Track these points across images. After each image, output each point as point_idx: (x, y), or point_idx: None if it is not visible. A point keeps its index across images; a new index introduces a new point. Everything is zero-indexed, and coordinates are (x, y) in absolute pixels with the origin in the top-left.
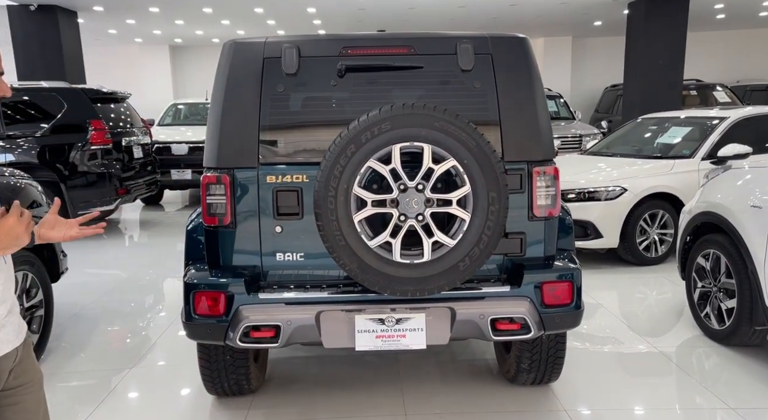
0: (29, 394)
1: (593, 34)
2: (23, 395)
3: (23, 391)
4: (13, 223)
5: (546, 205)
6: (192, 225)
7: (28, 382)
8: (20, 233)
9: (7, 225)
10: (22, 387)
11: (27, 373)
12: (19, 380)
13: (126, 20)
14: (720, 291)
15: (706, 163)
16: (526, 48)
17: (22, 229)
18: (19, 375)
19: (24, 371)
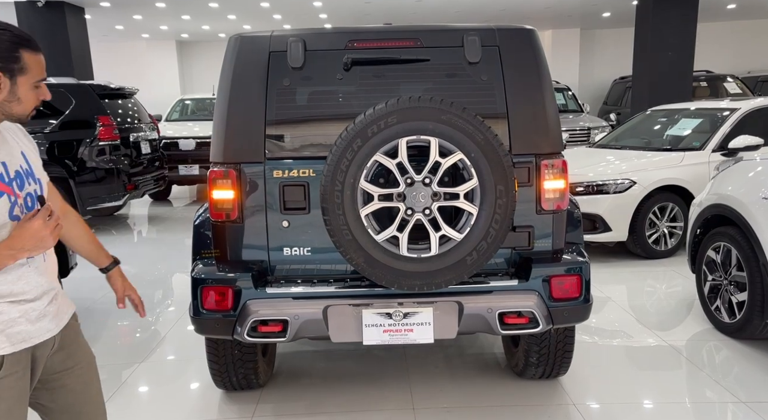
0: (77, 376)
1: (602, 25)
2: (70, 378)
3: (70, 373)
4: (39, 226)
5: (554, 198)
6: (199, 220)
7: (74, 366)
8: (45, 236)
9: (33, 228)
10: (68, 370)
11: (73, 356)
12: (65, 364)
13: (133, 16)
14: (731, 284)
15: (717, 155)
16: (534, 40)
17: (47, 232)
18: (65, 359)
19: (70, 355)
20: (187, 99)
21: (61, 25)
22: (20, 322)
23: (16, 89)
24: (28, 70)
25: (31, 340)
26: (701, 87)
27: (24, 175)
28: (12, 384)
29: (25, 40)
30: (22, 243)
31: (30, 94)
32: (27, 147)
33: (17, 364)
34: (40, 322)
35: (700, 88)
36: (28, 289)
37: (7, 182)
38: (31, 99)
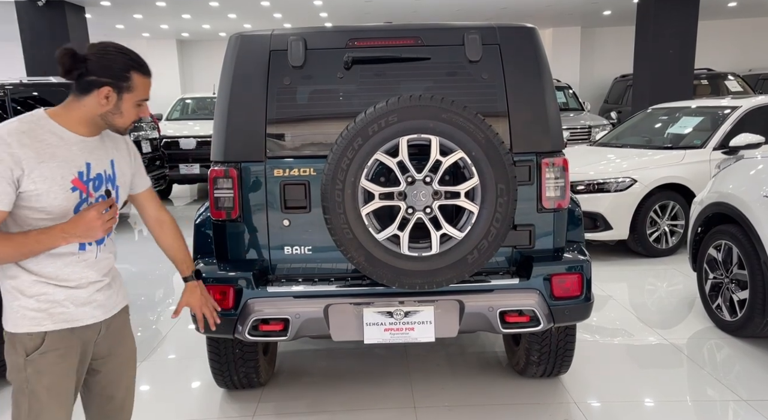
0: (116, 365)
1: (602, 23)
2: (110, 365)
3: (111, 361)
4: (93, 217)
5: (555, 196)
6: (200, 219)
7: (116, 355)
8: (96, 227)
9: (88, 216)
10: (110, 357)
11: (117, 346)
12: (108, 351)
13: (133, 15)
14: (732, 282)
15: (718, 153)
16: (535, 38)
17: (99, 224)
18: (109, 347)
19: (114, 344)
20: (187, 98)
21: (62, 24)
22: (65, 304)
23: (120, 104)
24: (134, 90)
25: (74, 321)
26: (702, 85)
27: (104, 180)
28: (54, 360)
29: (138, 64)
30: (75, 229)
31: (132, 111)
32: (120, 157)
33: (59, 341)
34: (84, 307)
35: (701, 86)
36: (73, 278)
37: (85, 181)
38: (131, 115)
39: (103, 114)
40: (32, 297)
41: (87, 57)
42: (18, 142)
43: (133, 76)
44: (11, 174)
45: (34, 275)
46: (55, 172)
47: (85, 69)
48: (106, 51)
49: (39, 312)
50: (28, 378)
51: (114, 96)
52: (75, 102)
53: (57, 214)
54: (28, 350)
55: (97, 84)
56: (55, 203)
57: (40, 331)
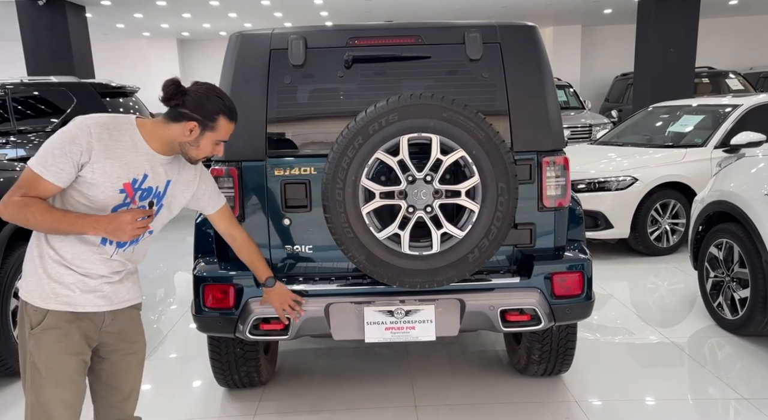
0: (122, 358)
1: (603, 22)
2: (116, 356)
3: (118, 353)
4: (127, 220)
5: (556, 195)
6: (201, 218)
7: (123, 349)
8: (125, 230)
9: (123, 218)
10: (117, 350)
11: (125, 340)
12: (116, 344)
13: (133, 14)
14: (733, 281)
15: (719, 151)
16: (535, 37)
17: (129, 228)
18: (117, 340)
19: (122, 338)
20: None
21: (62, 24)
22: (72, 288)
23: (200, 139)
24: (216, 130)
25: (76, 306)
26: (703, 83)
27: (152, 194)
28: (53, 338)
29: (229, 110)
30: (107, 224)
31: (208, 147)
32: (180, 182)
33: (59, 321)
34: (89, 295)
35: (702, 84)
36: (85, 266)
37: (135, 188)
38: (207, 151)
39: (182, 143)
40: (46, 272)
41: (188, 92)
42: (98, 134)
43: (221, 119)
44: (79, 158)
45: (53, 251)
46: (114, 171)
47: (183, 101)
48: (207, 93)
49: (47, 288)
50: (30, 350)
51: (197, 131)
52: (163, 124)
53: (98, 206)
54: (33, 324)
55: (186, 117)
56: (101, 197)
57: (44, 307)
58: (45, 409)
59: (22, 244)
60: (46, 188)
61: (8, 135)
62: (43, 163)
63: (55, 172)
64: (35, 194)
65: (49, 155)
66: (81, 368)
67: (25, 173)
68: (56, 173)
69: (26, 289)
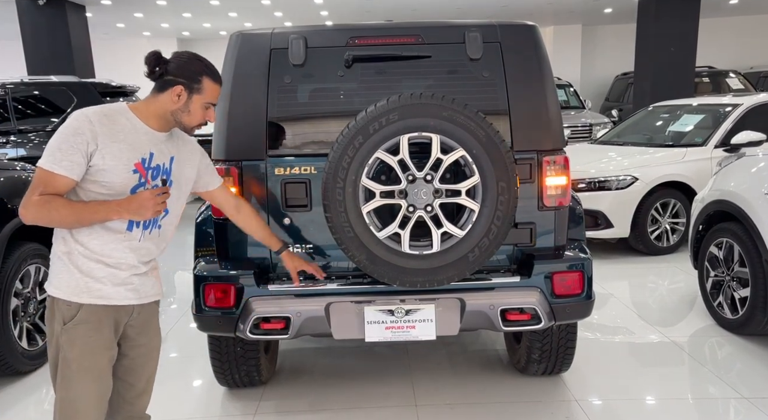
0: (140, 353)
1: (603, 21)
2: (135, 351)
3: (136, 348)
4: (147, 197)
5: (556, 194)
6: (201, 217)
7: (142, 344)
8: (147, 207)
9: (142, 196)
10: (136, 345)
11: (143, 335)
12: (136, 339)
13: (134, 14)
14: (733, 280)
15: (719, 150)
16: (536, 36)
17: (151, 204)
18: (137, 334)
19: (141, 333)
20: None
21: (62, 23)
22: (103, 281)
23: (189, 103)
24: (203, 92)
25: (108, 299)
26: (703, 83)
27: (161, 171)
28: (87, 332)
29: (211, 71)
30: (129, 204)
31: (199, 111)
32: (183, 158)
33: (92, 314)
34: (119, 287)
35: (703, 84)
36: (115, 256)
37: (146, 167)
38: (198, 115)
39: (173, 111)
40: (77, 268)
41: (169, 60)
42: (99, 121)
43: (205, 80)
44: (87, 148)
45: (81, 246)
46: (123, 154)
47: (165, 69)
48: (186, 57)
49: (80, 283)
50: (61, 345)
51: (185, 95)
52: (152, 98)
53: (116, 191)
54: (65, 319)
55: (172, 83)
56: (117, 180)
57: (77, 302)
58: (74, 404)
59: (22, 244)
60: (61, 183)
61: (9, 134)
62: (52, 159)
63: (66, 165)
64: (52, 191)
65: (56, 151)
66: (109, 364)
67: (37, 174)
68: (67, 167)
69: (56, 286)
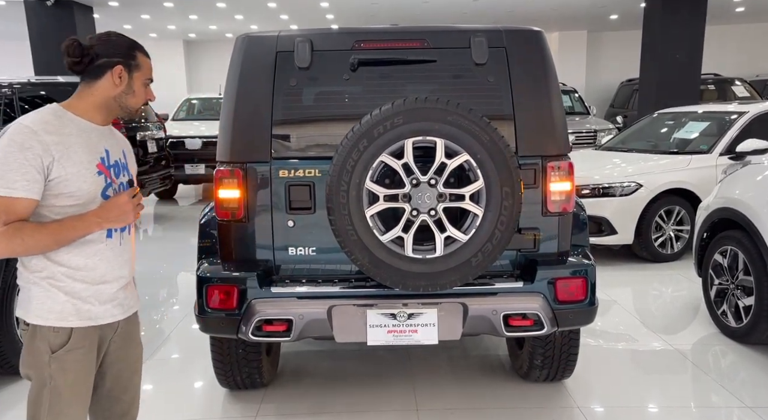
0: (127, 365)
1: (609, 28)
2: (121, 365)
3: (122, 361)
4: (123, 201)
5: (560, 200)
6: (205, 219)
7: (127, 356)
8: (128, 210)
9: (119, 201)
10: (122, 358)
11: (128, 347)
12: (121, 352)
13: (141, 15)
14: (737, 288)
15: (725, 158)
16: (541, 41)
17: (131, 207)
18: (122, 347)
19: (126, 345)
20: (193, 98)
21: (70, 25)
22: (90, 301)
23: (132, 83)
24: (142, 68)
25: (98, 319)
26: (709, 90)
27: (120, 167)
28: (78, 358)
29: (139, 45)
30: (108, 213)
31: (142, 90)
32: (126, 148)
33: (84, 339)
34: (107, 305)
35: (708, 91)
36: (101, 268)
37: (107, 166)
38: (142, 94)
39: (117, 95)
40: (62, 290)
41: (93, 44)
42: (44, 130)
43: (138, 54)
44: (41, 162)
45: (63, 267)
46: (82, 157)
47: (95, 54)
48: (108, 36)
49: (66, 306)
50: (52, 374)
51: (126, 75)
52: (87, 90)
53: (86, 199)
54: (54, 346)
55: (109, 65)
56: (84, 187)
57: (67, 326)
58: None
59: None
60: (22, 207)
61: None
62: (5, 183)
63: (24, 185)
64: (16, 218)
65: (7, 172)
66: (92, 384)
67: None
68: (25, 187)
69: (38, 314)
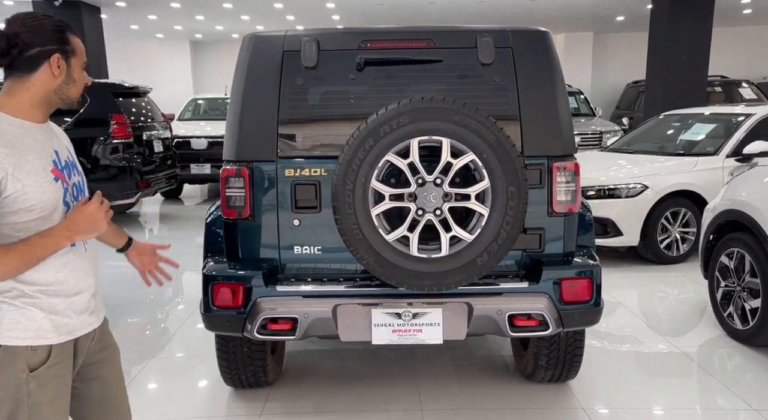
0: (110, 368)
1: (615, 29)
2: (104, 369)
3: (104, 365)
4: (94, 210)
5: (566, 200)
6: (211, 218)
7: (107, 358)
8: (99, 219)
9: (88, 211)
10: (103, 362)
11: (107, 349)
12: (101, 355)
13: (148, 16)
14: (744, 290)
15: (731, 160)
16: (548, 41)
17: (101, 215)
18: (100, 351)
19: (104, 347)
20: (199, 99)
21: (78, 25)
22: (67, 313)
23: (71, 71)
24: (77, 53)
25: (76, 332)
26: (716, 92)
27: (70, 166)
28: (57, 372)
29: (67, 25)
30: (78, 225)
31: (80, 76)
32: (67, 141)
33: (62, 354)
34: (82, 315)
35: (715, 93)
36: (72, 278)
37: (60, 169)
38: (81, 80)
39: (57, 88)
40: (37, 307)
41: (17, 31)
42: None
43: (70, 37)
44: None
45: (32, 285)
46: (36, 165)
47: (24, 44)
48: (32, 19)
49: (44, 323)
50: (30, 392)
51: (64, 63)
52: (20, 85)
53: (48, 210)
54: (33, 365)
55: (44, 55)
56: (44, 197)
57: (45, 344)
58: None
59: None
60: None
61: None
62: None
63: None
64: None
65: None
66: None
67: None
68: None
69: (14, 336)
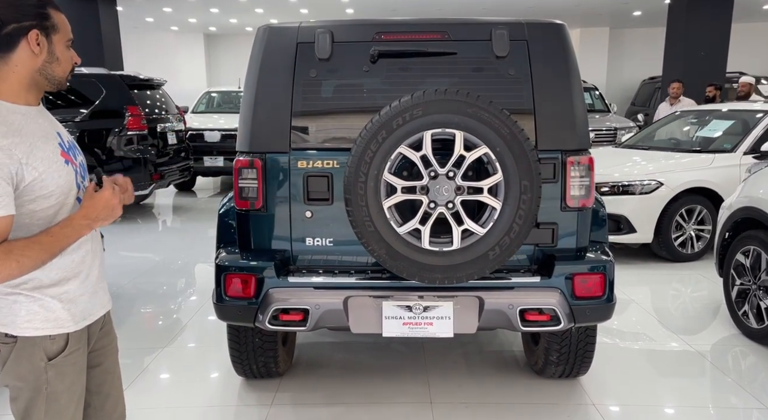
0: (110, 355)
1: (632, 24)
2: (106, 356)
3: (106, 352)
4: (109, 196)
5: (579, 195)
6: (224, 209)
7: (108, 345)
8: (116, 205)
9: (105, 197)
10: (103, 349)
11: (108, 336)
12: (102, 342)
13: (163, 8)
14: (759, 289)
15: (749, 157)
16: (564, 35)
17: (117, 200)
18: (103, 337)
19: (106, 334)
20: (213, 91)
21: (94, 17)
22: (82, 300)
23: (53, 49)
24: (59, 28)
25: (91, 316)
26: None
27: (73, 147)
28: (75, 360)
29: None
30: (96, 213)
31: (66, 54)
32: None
33: (79, 341)
34: (96, 297)
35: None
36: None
37: (66, 151)
38: (67, 59)
39: (41, 67)
40: (57, 299)
41: None
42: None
43: (51, 11)
44: (8, 170)
45: (52, 271)
46: (46, 150)
47: (0, 21)
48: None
49: (62, 314)
50: (48, 381)
51: (44, 40)
52: (4, 67)
53: (64, 195)
54: (51, 354)
55: (21, 31)
56: (60, 182)
57: (63, 332)
58: None
59: None
60: (3, 226)
61: None
62: None
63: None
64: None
65: None
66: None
67: None
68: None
69: (27, 326)
